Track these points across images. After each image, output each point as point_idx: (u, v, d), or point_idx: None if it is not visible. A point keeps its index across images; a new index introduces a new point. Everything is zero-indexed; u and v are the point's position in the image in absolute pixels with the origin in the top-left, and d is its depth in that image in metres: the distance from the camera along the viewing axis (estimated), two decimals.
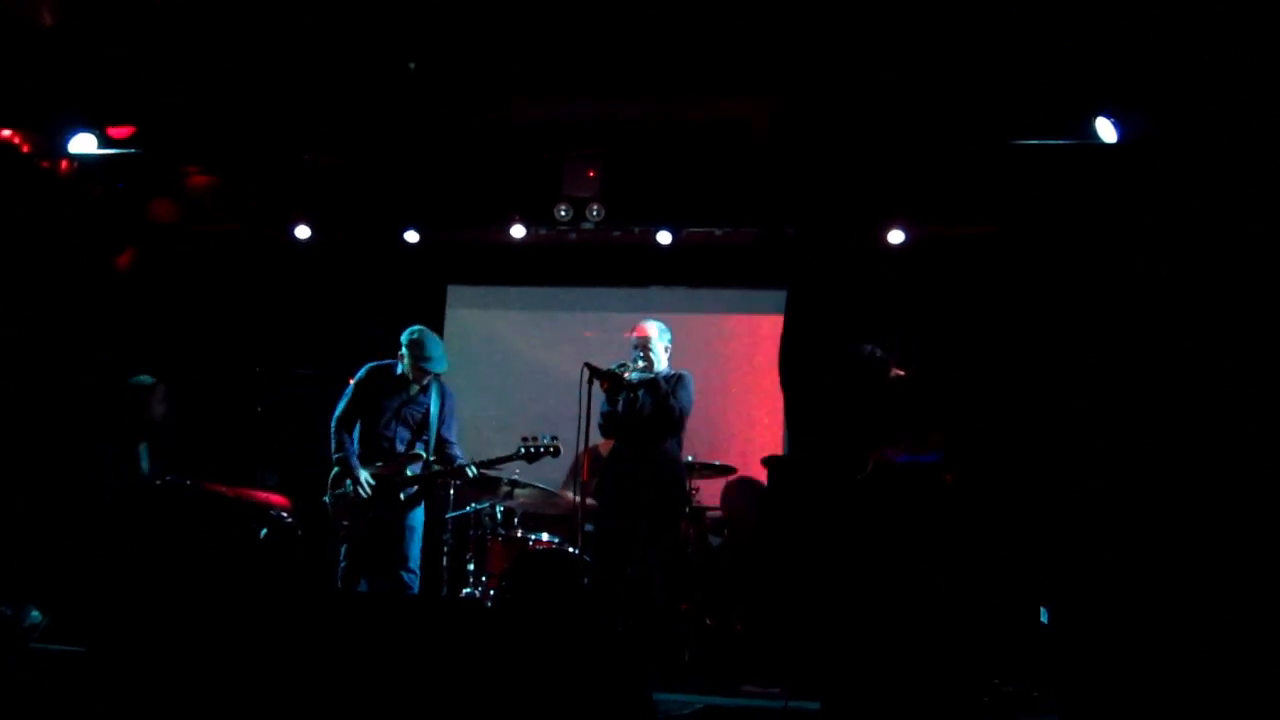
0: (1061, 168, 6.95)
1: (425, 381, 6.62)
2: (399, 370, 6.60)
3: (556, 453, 6.55)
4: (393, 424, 6.57)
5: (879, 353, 5.99)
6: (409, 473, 6.50)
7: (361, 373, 6.65)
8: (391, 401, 6.57)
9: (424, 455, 6.56)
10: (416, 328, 6.63)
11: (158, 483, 6.81)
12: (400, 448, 6.56)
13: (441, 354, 6.61)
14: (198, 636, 5.20)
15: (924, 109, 6.91)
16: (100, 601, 5.90)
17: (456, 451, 6.66)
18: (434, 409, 6.60)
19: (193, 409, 7.84)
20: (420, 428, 6.60)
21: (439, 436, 6.63)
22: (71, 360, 7.57)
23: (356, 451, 6.53)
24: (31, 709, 4.52)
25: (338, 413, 6.59)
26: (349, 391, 6.61)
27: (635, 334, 6.31)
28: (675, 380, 6.21)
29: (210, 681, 4.58)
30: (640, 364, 6.17)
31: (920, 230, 7.65)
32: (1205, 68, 6.04)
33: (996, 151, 6.99)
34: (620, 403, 6.19)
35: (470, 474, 6.55)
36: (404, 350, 6.55)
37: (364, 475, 6.42)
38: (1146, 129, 6.47)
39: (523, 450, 6.52)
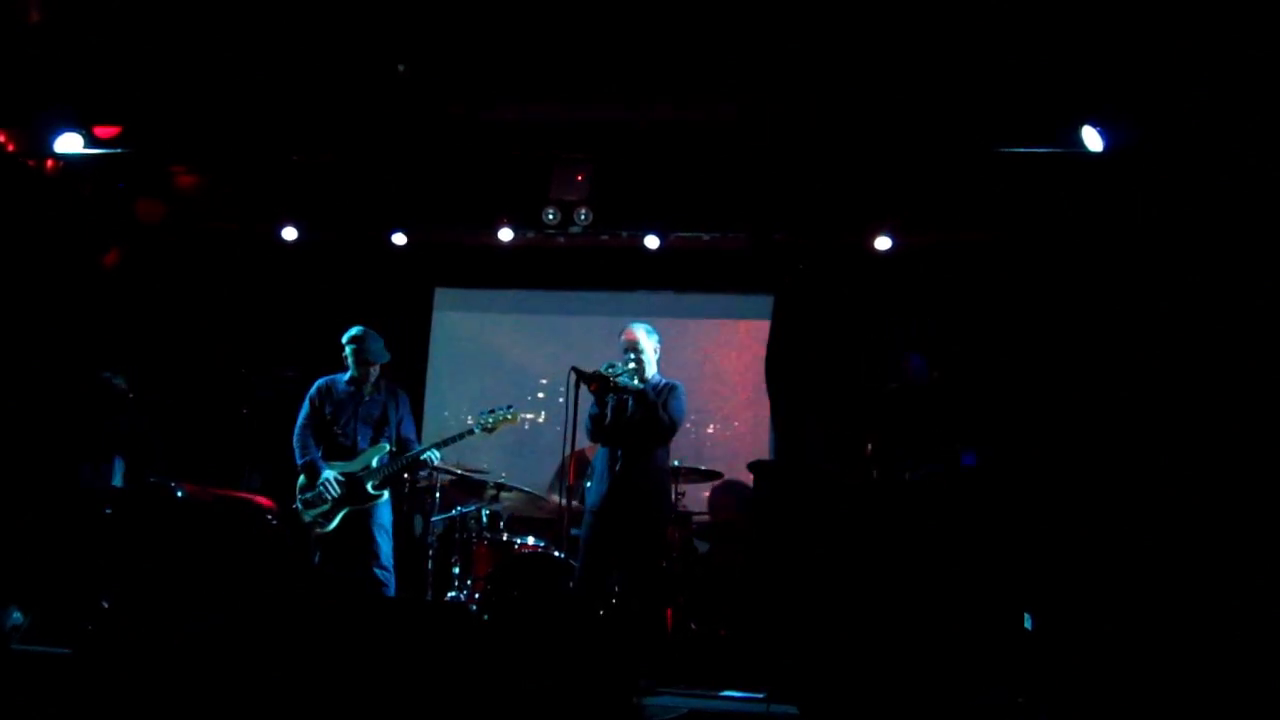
0: (1048, 176, 6.98)
1: (374, 380, 6.78)
2: (346, 376, 6.78)
3: (515, 419, 6.72)
4: (352, 423, 6.70)
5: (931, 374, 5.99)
6: (374, 464, 6.58)
7: (313, 389, 6.80)
8: (347, 405, 6.73)
9: (388, 446, 6.66)
10: (356, 327, 6.80)
11: (143, 485, 6.79)
12: (364, 444, 6.67)
13: (382, 347, 6.79)
14: (184, 636, 5.18)
15: (912, 117, 6.94)
16: (85, 603, 5.89)
17: (418, 447, 6.76)
18: (390, 410, 6.76)
19: (178, 410, 7.81)
20: (380, 423, 6.73)
21: (400, 436, 6.76)
22: (56, 360, 7.53)
23: (320, 455, 6.63)
24: (12, 710, 4.49)
25: (298, 424, 6.73)
26: (305, 405, 6.76)
27: (624, 337, 6.30)
28: (667, 391, 6.19)
29: (198, 681, 4.56)
30: (630, 365, 6.16)
31: (908, 237, 7.68)
32: (1191, 77, 6.07)
33: (984, 159, 7.01)
34: (608, 407, 6.17)
35: (434, 459, 6.68)
36: (347, 352, 6.73)
37: (330, 474, 6.54)
38: (1132, 137, 6.50)
39: (482, 425, 6.66)
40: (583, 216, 7.71)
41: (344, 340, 6.75)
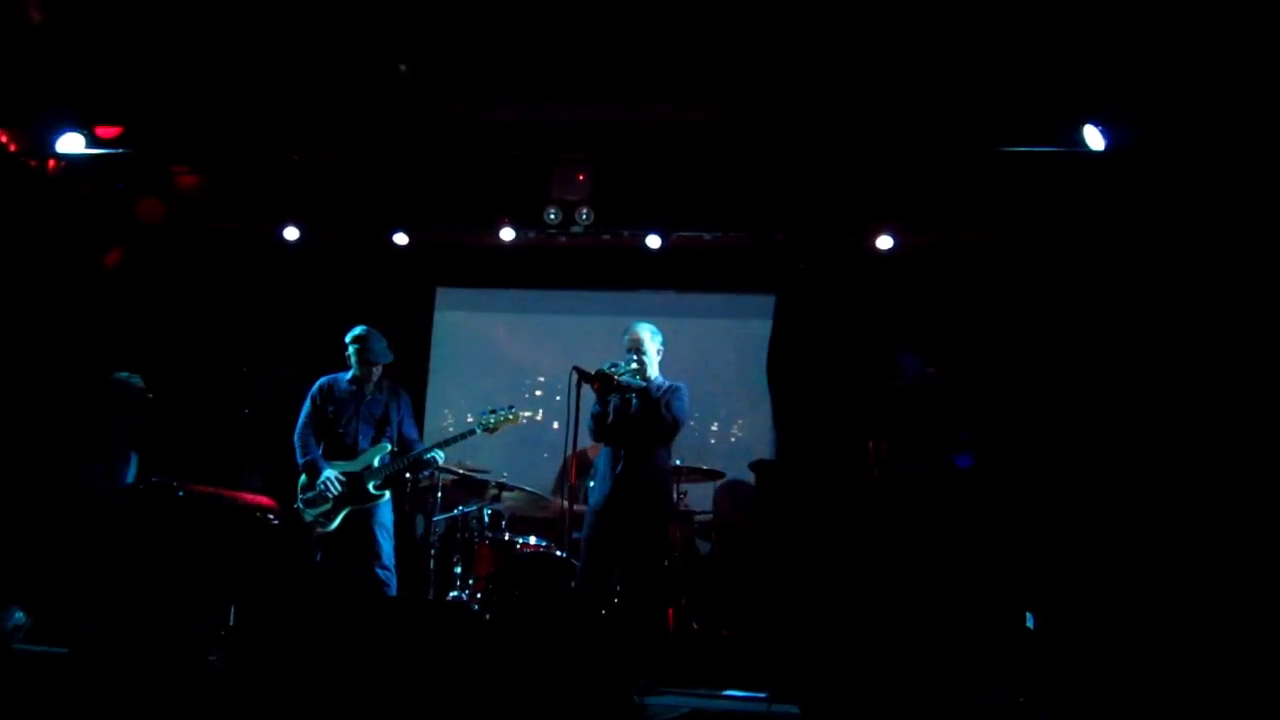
0: (1049, 176, 6.98)
1: (376, 379, 6.78)
2: (349, 375, 6.77)
3: (516, 419, 6.71)
4: (354, 422, 6.70)
5: (926, 370, 6.00)
6: (375, 463, 6.58)
7: (314, 387, 6.80)
8: (349, 404, 6.73)
9: (389, 445, 6.67)
10: (359, 326, 6.81)
11: (145, 484, 6.79)
12: (365, 444, 6.67)
13: (385, 347, 6.80)
14: (184, 637, 5.19)
15: (913, 116, 6.94)
16: (85, 603, 5.89)
17: (421, 447, 6.76)
18: (392, 410, 6.77)
19: (179, 410, 7.82)
20: (381, 423, 6.73)
21: (402, 437, 6.77)
22: (58, 360, 7.53)
23: (321, 454, 6.64)
24: (15, 710, 4.50)
25: (300, 423, 6.73)
26: (307, 404, 6.76)
27: (628, 337, 6.31)
28: (671, 391, 6.20)
29: (198, 681, 4.57)
30: (633, 365, 6.16)
31: (909, 236, 7.68)
32: (1191, 77, 6.08)
33: (985, 159, 7.01)
34: (610, 405, 6.18)
35: (439, 459, 6.69)
36: (350, 350, 6.73)
37: (332, 473, 6.55)
38: (1133, 137, 6.50)
39: (483, 424, 6.65)
40: (584, 216, 7.71)
41: (347, 339, 6.75)
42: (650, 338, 6.31)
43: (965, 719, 4.89)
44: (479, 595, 6.51)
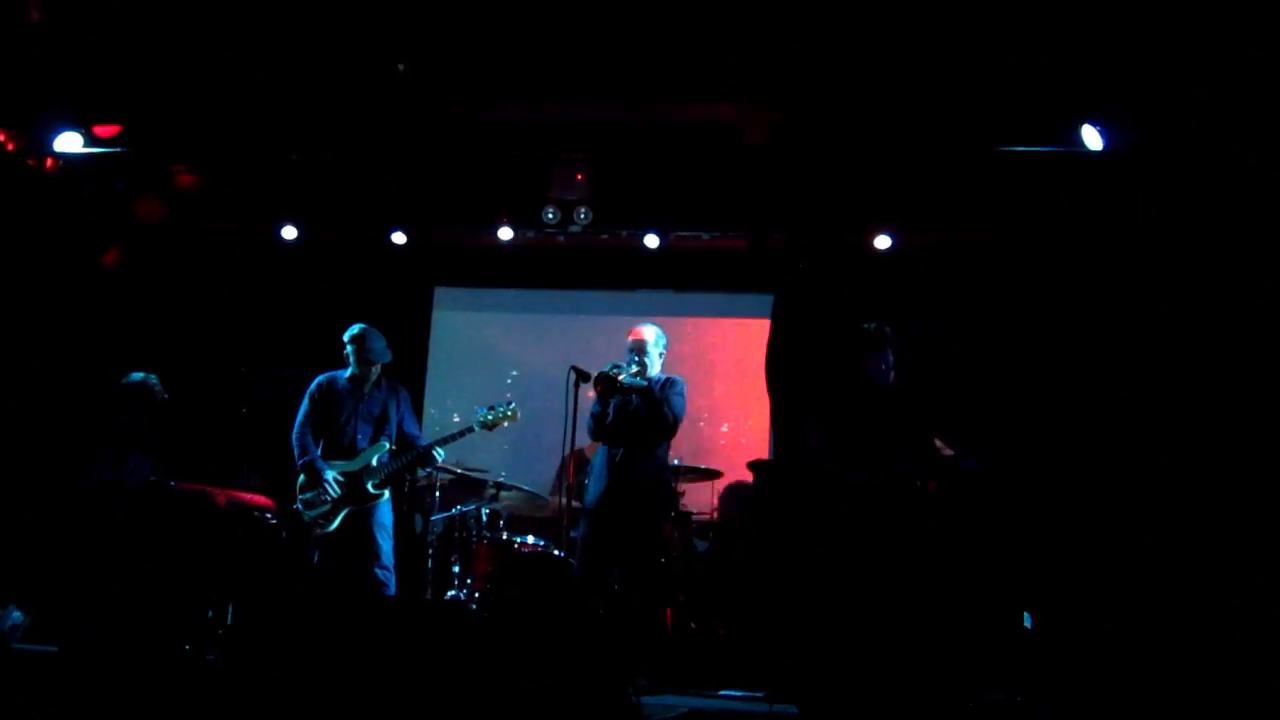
0: (1048, 176, 6.98)
1: (375, 378, 6.74)
2: (347, 374, 6.73)
3: (515, 416, 6.68)
4: (353, 421, 6.66)
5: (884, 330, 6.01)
6: (374, 462, 6.55)
7: (313, 385, 6.75)
8: (347, 402, 6.68)
9: (388, 444, 6.63)
10: (358, 325, 6.76)
11: (145, 483, 6.80)
12: (364, 443, 6.63)
13: (384, 346, 6.75)
14: (183, 638, 5.19)
15: (912, 116, 6.94)
16: (82, 602, 5.89)
17: (423, 444, 6.73)
18: (391, 407, 6.72)
19: (178, 409, 7.81)
20: (380, 421, 6.69)
21: (402, 433, 6.73)
22: (56, 360, 7.53)
23: (320, 454, 6.61)
24: (13, 709, 4.49)
25: (298, 421, 6.68)
26: (305, 402, 6.72)
27: (631, 337, 6.30)
28: (668, 385, 6.19)
29: (198, 681, 4.57)
30: (634, 368, 6.15)
31: (908, 236, 7.68)
32: (1191, 77, 6.07)
33: (984, 159, 7.01)
34: (610, 405, 6.17)
35: (437, 457, 6.65)
36: (348, 349, 6.69)
37: (330, 474, 6.51)
38: (1132, 137, 6.50)
39: (481, 422, 6.64)
40: (582, 216, 7.72)
41: (345, 339, 6.71)
42: (654, 340, 6.30)
43: (965, 719, 4.88)
44: (477, 594, 6.51)
